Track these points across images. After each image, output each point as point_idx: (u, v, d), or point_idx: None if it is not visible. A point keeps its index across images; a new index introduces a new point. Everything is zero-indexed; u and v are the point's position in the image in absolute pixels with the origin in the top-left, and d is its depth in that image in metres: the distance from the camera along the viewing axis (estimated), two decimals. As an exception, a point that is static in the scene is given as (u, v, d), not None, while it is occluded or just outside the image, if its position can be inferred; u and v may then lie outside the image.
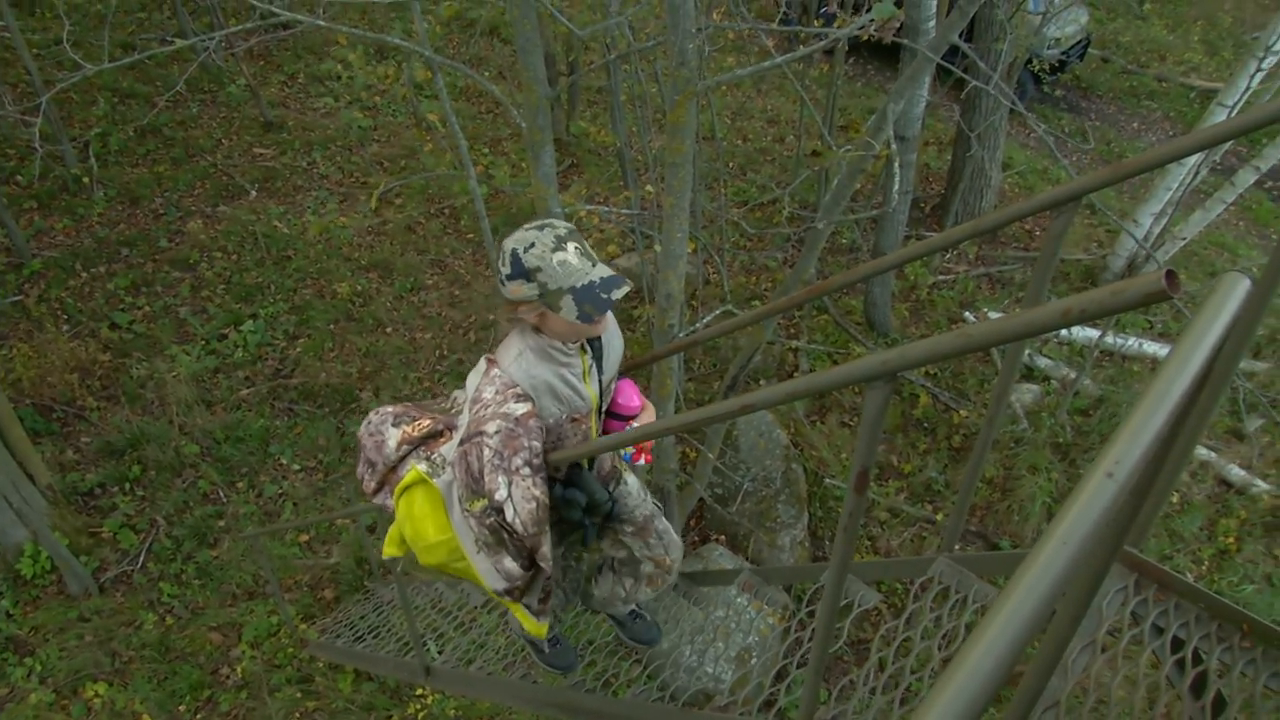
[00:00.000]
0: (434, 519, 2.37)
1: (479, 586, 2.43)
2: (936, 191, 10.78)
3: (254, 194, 10.12)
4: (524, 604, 2.47)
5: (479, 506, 2.20)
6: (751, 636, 5.91)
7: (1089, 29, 12.51)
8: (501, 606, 4.21)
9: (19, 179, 9.66)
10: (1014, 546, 6.89)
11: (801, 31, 4.05)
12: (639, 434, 2.08)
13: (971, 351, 1.20)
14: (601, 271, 2.18)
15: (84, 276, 8.78)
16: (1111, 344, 8.37)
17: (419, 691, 6.02)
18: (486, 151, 11.01)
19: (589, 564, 3.10)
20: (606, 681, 3.39)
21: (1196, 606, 1.98)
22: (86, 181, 9.62)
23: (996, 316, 5.62)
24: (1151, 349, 8.32)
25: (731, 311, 5.18)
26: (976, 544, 7.11)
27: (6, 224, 8.58)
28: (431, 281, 9.42)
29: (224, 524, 7.07)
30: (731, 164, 11.08)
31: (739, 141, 11.73)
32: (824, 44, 3.91)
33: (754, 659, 5.83)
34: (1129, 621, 2.01)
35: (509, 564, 2.30)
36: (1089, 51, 12.87)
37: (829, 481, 7.50)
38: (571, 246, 2.15)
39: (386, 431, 2.54)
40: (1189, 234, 8.55)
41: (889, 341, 8.72)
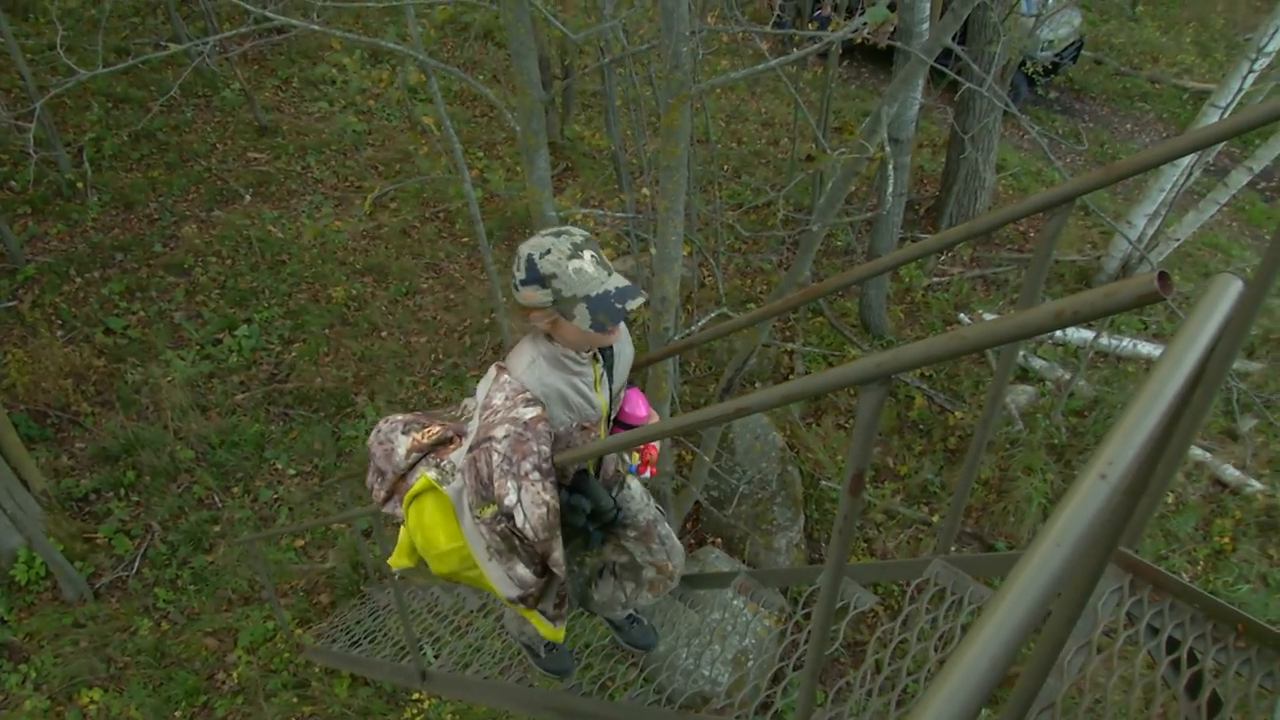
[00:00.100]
0: (445, 527, 2.33)
1: (493, 594, 2.40)
2: (931, 193, 10.80)
3: (248, 198, 10.11)
4: (539, 610, 2.45)
5: (489, 513, 2.17)
6: (748, 639, 5.91)
7: (1082, 31, 12.55)
8: (497, 610, 4.21)
9: (13, 184, 9.64)
10: (1010, 548, 6.90)
11: (795, 35, 4.06)
12: (634, 437, 2.07)
13: (965, 353, 1.20)
14: (617, 281, 2.16)
15: (78, 282, 8.77)
16: (1106, 345, 8.38)
17: (415, 696, 6.01)
18: (481, 155, 11.01)
19: (590, 568, 3.09)
20: (603, 685, 3.39)
21: (1192, 607, 1.98)
22: (80, 186, 9.61)
23: (991, 318, 5.63)
24: (1146, 350, 8.34)
25: (727, 314, 5.18)
26: (972, 545, 7.12)
27: (0, 229, 8.56)
28: (426, 285, 9.41)
29: (219, 529, 7.06)
30: (726, 167, 11.10)
31: (734, 144, 11.74)
32: (818, 47, 3.92)
33: (750, 662, 5.83)
34: (1124, 622, 2.01)
35: (521, 571, 2.27)
36: (1082, 53, 12.91)
37: (825, 484, 7.51)
38: (588, 254, 2.13)
39: (396, 439, 2.51)
40: (1183, 235, 8.57)
41: (884, 344, 8.73)
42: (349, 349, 8.55)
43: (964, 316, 9.03)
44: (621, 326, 2.41)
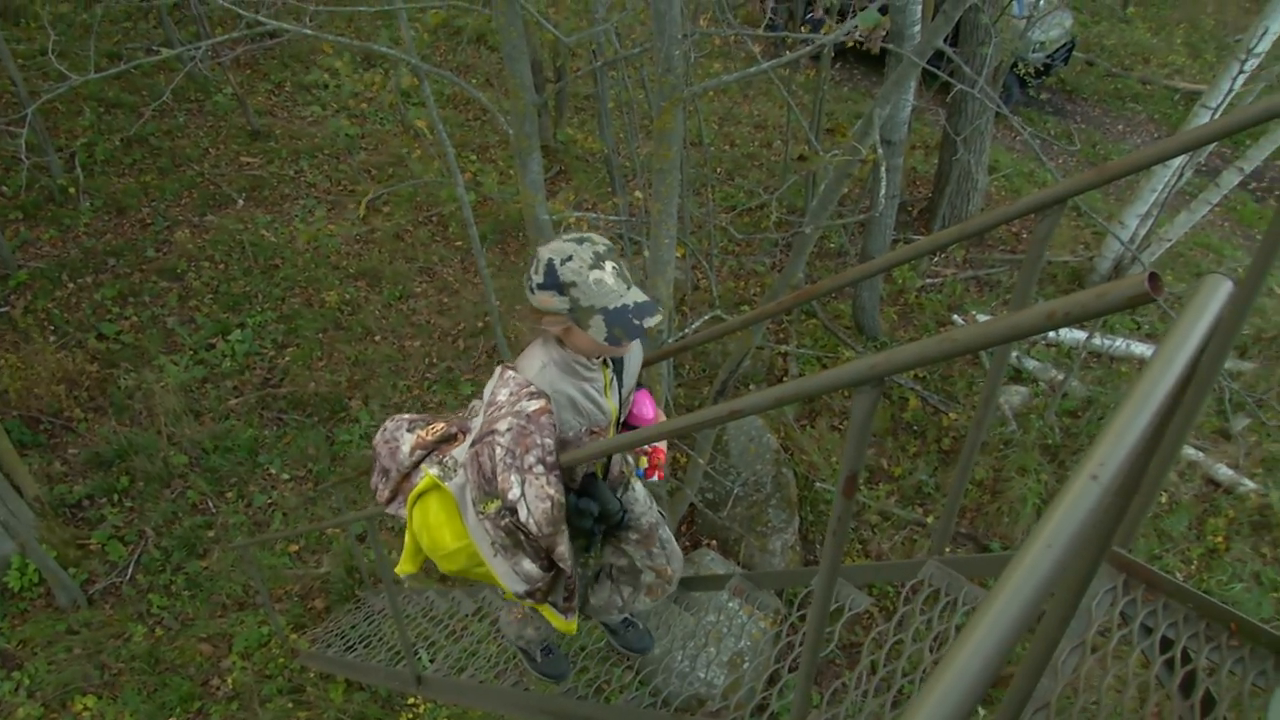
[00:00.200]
0: (450, 526, 2.30)
1: (502, 589, 2.37)
2: (924, 195, 10.82)
3: (241, 203, 10.09)
4: (549, 603, 2.40)
5: (493, 508, 2.14)
6: (743, 641, 5.91)
7: (1073, 32, 12.59)
8: (493, 615, 4.21)
9: (4, 190, 9.62)
10: (1004, 548, 6.91)
11: (788, 37, 4.07)
12: (629, 440, 2.06)
13: (958, 355, 1.20)
14: (636, 295, 2.13)
15: (71, 287, 8.75)
16: (1099, 345, 8.41)
17: (411, 700, 6.00)
18: (474, 159, 11.01)
19: (589, 570, 3.07)
20: (599, 688, 3.39)
21: (1185, 606, 1.99)
22: (73, 192, 9.59)
23: (984, 319, 5.64)
24: (1139, 350, 8.36)
25: (720, 317, 5.19)
26: (967, 546, 7.13)
27: (-8, 235, 8.55)
28: (420, 289, 9.40)
29: (213, 534, 7.04)
30: (719, 169, 11.11)
31: (726, 147, 11.76)
32: (810, 50, 3.92)
33: (746, 663, 5.84)
34: (1118, 621, 2.01)
35: (527, 566, 2.24)
36: (1074, 55, 12.95)
37: (819, 485, 7.51)
38: (609, 265, 2.11)
39: (401, 437, 2.49)
40: (1174, 235, 8.60)
41: (878, 345, 8.75)
42: (342, 353, 8.53)
43: (957, 317, 9.05)
44: None
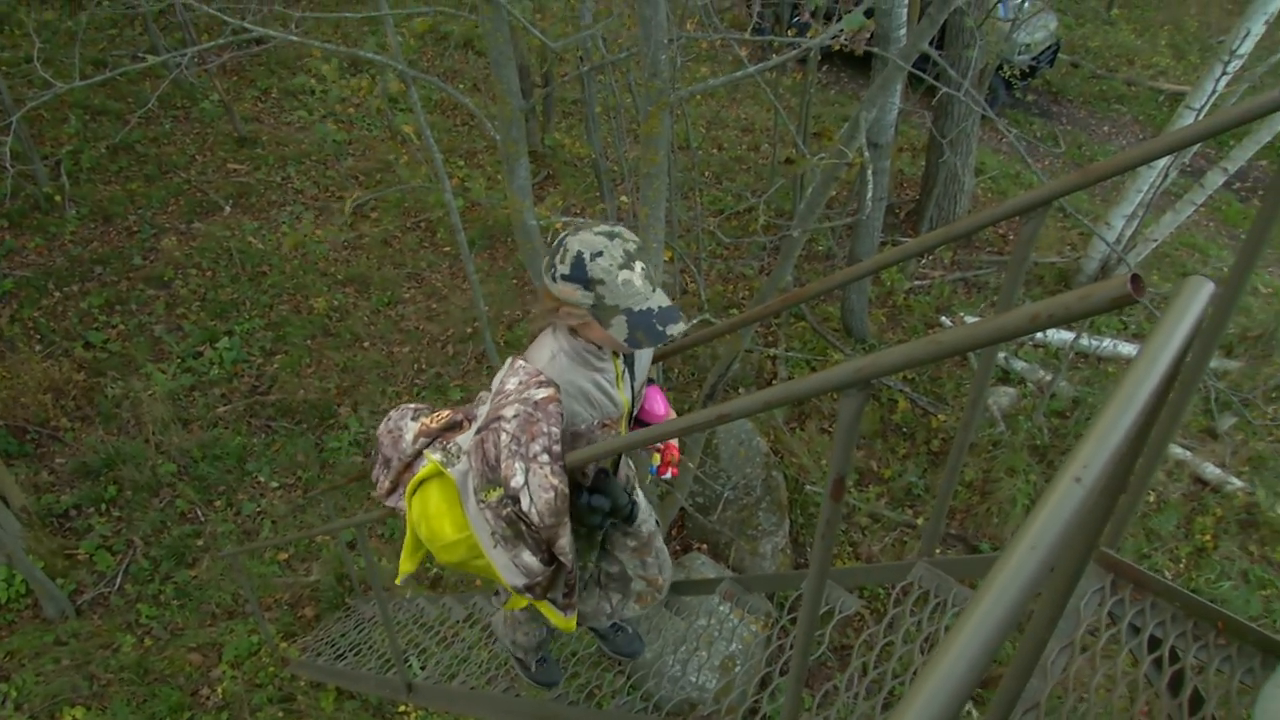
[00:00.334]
0: (451, 516, 2.22)
1: (492, 597, 2.33)
2: (911, 197, 10.86)
3: (228, 210, 10.06)
4: (549, 600, 2.33)
5: (495, 496, 2.08)
6: (735, 644, 5.91)
7: (1058, 34, 12.66)
8: (484, 620, 4.20)
9: (-11, 198, 9.58)
10: (994, 549, 6.93)
11: (774, 41, 4.08)
12: (621, 443, 2.06)
13: (944, 358, 1.21)
14: (660, 300, 2.10)
15: (57, 296, 8.70)
16: (1087, 346, 8.45)
17: (402, 708, 5.98)
18: (462, 164, 11.00)
19: (587, 572, 3.04)
20: (590, 693, 3.38)
21: (1172, 605, 2.00)
22: (58, 200, 9.54)
23: (972, 320, 5.66)
24: (1126, 350, 8.40)
25: (709, 320, 5.19)
26: (957, 547, 7.15)
27: (-23, 244, 8.51)
28: (409, 295, 9.39)
29: (202, 543, 7.01)
30: (707, 173, 11.13)
31: (714, 150, 11.78)
32: (796, 53, 3.94)
33: (738, 667, 5.83)
34: (1106, 621, 2.02)
35: (528, 558, 2.16)
36: (1059, 57, 13.02)
37: (809, 488, 7.52)
38: (639, 266, 2.07)
39: (405, 426, 2.43)
40: (1160, 235, 8.65)
41: (867, 347, 8.77)
42: (331, 360, 8.51)
43: (945, 319, 9.08)
44: None
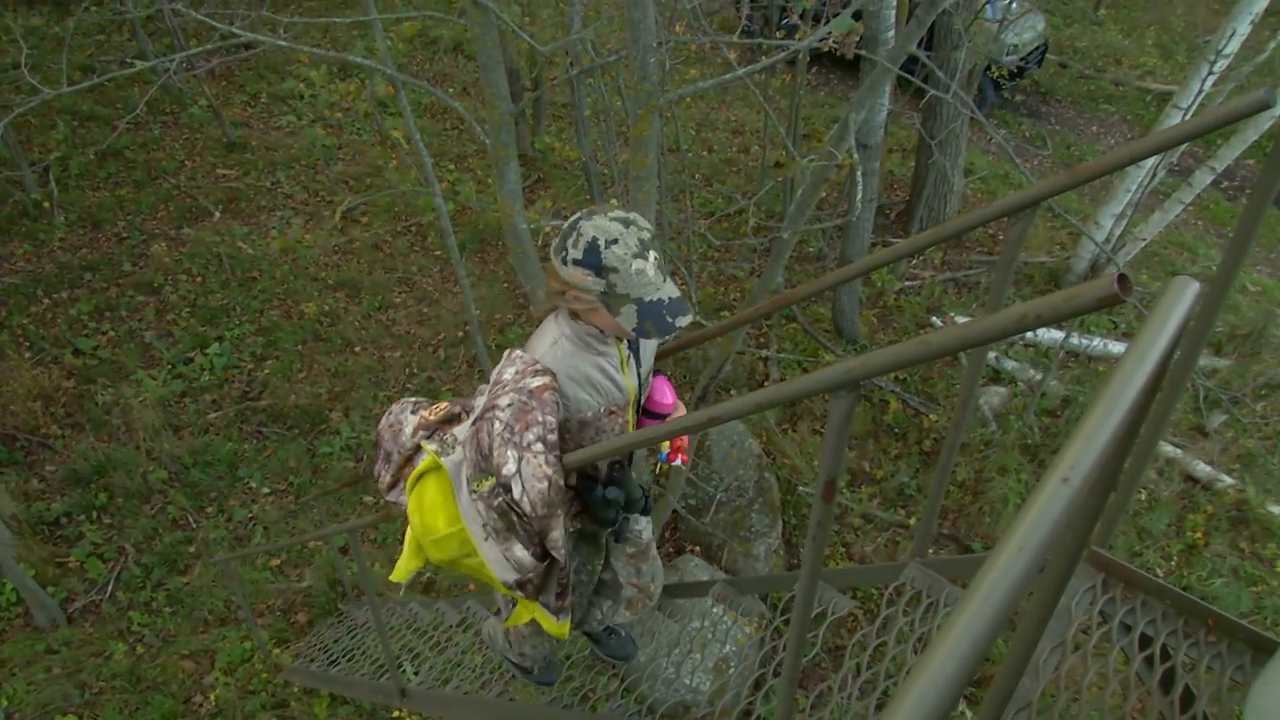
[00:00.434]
0: (445, 510, 2.19)
1: (491, 584, 2.29)
2: (901, 198, 10.88)
3: (218, 215, 10.03)
4: (541, 603, 2.30)
5: (487, 486, 2.05)
6: (728, 646, 5.91)
7: (1046, 35, 12.71)
8: (477, 625, 4.19)
9: (-23, 205, 9.54)
10: (986, 548, 6.95)
11: (763, 43, 4.09)
12: (617, 445, 2.05)
13: (932, 359, 1.21)
14: (670, 290, 2.08)
15: (46, 303, 8.66)
16: (1077, 345, 8.48)
17: (395, 714, 5.96)
18: (452, 168, 10.99)
19: (593, 580, 3.00)
20: (584, 696, 3.38)
21: (1163, 603, 2.01)
22: (47, 206, 9.50)
23: (962, 320, 5.67)
24: (1116, 349, 8.44)
25: (700, 322, 5.20)
26: (950, 547, 7.16)
27: (-36, 251, 8.47)
28: (399, 300, 9.37)
29: (194, 550, 6.98)
30: (697, 175, 11.14)
31: (704, 153, 11.79)
32: (785, 55, 3.94)
33: (732, 669, 5.83)
34: (1098, 620, 2.03)
35: (519, 552, 2.12)
36: (1047, 57, 13.08)
37: (802, 489, 7.53)
38: (652, 256, 2.05)
39: (405, 419, 2.40)
40: (1149, 234, 8.69)
41: (858, 348, 8.79)
42: (322, 365, 8.49)
43: (936, 319, 9.10)
44: None
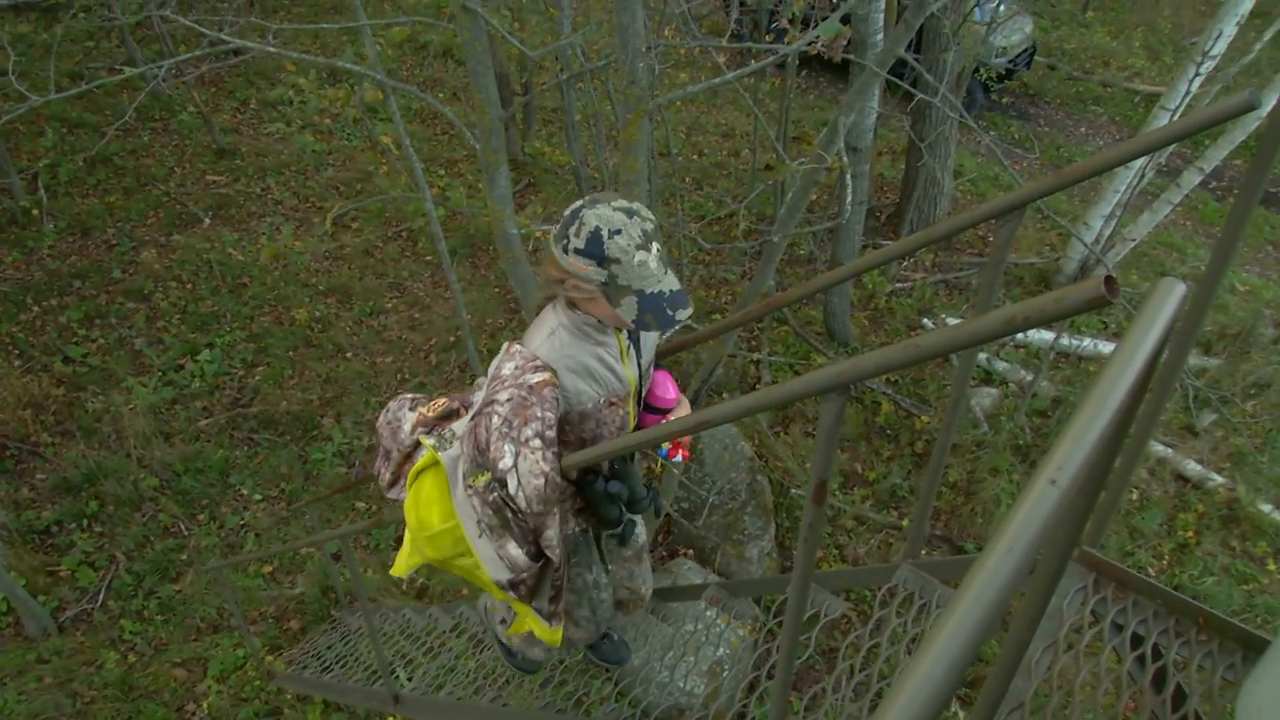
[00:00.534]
0: (441, 504, 2.17)
1: (485, 589, 2.26)
2: (891, 200, 10.91)
3: (208, 222, 10.01)
4: (534, 607, 2.27)
5: (482, 481, 2.04)
6: (722, 649, 5.91)
7: (1034, 37, 12.76)
8: (471, 630, 4.18)
9: (-35, 213, 9.49)
10: (979, 549, 6.94)
11: (752, 47, 4.10)
12: (614, 447, 2.05)
13: (922, 361, 1.22)
14: (671, 283, 2.06)
15: (35, 310, 8.63)
16: (1067, 345, 8.50)
17: (389, 720, 5.96)
18: (442, 173, 10.98)
19: (606, 592, 2.98)
20: (578, 700, 3.37)
21: (1154, 603, 2.02)
22: (36, 213, 9.47)
23: (953, 322, 5.69)
24: (1106, 349, 8.46)
25: (691, 326, 5.21)
26: (943, 548, 7.17)
27: (-47, 259, 8.43)
28: (391, 305, 9.36)
29: (186, 557, 6.95)
30: (687, 179, 11.15)
31: (694, 156, 11.80)
32: (774, 59, 3.96)
33: (725, 672, 5.83)
34: (1089, 620, 2.04)
35: (513, 550, 2.10)
36: (1035, 59, 13.12)
37: (795, 492, 7.54)
38: (655, 247, 2.02)
39: (403, 416, 2.39)
40: (1138, 235, 8.72)
41: (850, 351, 8.80)
42: (313, 371, 8.47)
43: (927, 321, 9.12)
44: None
